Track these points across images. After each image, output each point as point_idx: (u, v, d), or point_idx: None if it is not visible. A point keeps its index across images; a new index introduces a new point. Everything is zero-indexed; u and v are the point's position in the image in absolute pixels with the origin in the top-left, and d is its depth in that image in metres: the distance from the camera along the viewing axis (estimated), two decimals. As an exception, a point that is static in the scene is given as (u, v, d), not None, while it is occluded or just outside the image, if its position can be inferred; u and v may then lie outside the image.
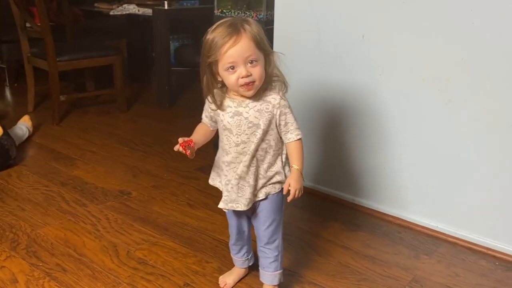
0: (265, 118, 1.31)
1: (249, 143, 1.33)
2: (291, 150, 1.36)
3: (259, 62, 1.25)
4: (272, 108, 1.31)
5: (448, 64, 1.77)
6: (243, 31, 1.22)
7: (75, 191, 2.23)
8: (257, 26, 1.26)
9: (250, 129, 1.32)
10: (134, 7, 4.03)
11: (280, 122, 1.33)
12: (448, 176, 1.86)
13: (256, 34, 1.23)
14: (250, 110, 1.31)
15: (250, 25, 1.24)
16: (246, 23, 1.24)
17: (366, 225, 2.01)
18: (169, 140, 2.91)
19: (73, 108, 3.45)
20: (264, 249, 1.47)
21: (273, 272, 1.49)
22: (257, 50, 1.24)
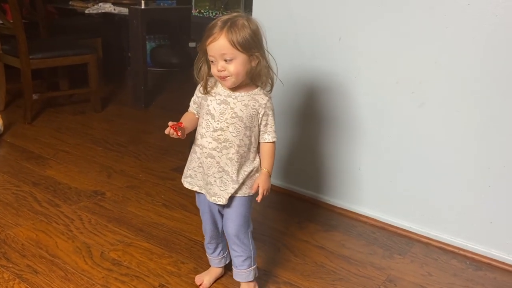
0: (249, 113, 1.36)
1: (226, 132, 1.36)
2: (264, 151, 1.41)
3: (234, 60, 1.29)
4: (258, 107, 1.36)
5: (422, 67, 1.80)
6: (224, 31, 1.27)
7: (48, 191, 2.19)
8: (245, 28, 1.29)
9: (232, 119, 1.35)
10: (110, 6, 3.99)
11: (262, 121, 1.38)
12: (421, 177, 1.90)
13: (236, 36, 1.27)
14: (238, 103, 1.35)
15: (236, 27, 1.28)
16: (234, 25, 1.28)
17: (341, 225, 2.03)
18: (144, 141, 2.89)
19: (46, 107, 3.38)
20: (235, 247, 1.47)
21: (247, 269, 1.50)
22: (234, 50, 1.28)
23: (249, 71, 1.33)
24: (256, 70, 1.34)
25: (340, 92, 2.02)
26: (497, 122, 1.69)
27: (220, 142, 1.37)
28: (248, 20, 1.32)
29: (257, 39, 1.32)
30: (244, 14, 1.34)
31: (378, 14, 1.85)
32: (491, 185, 1.75)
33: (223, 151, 1.37)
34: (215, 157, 1.38)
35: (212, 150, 1.38)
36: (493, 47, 1.65)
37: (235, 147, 1.37)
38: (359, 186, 2.07)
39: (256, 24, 1.33)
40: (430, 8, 1.74)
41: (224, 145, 1.37)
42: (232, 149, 1.37)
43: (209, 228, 1.52)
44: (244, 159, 1.39)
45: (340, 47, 1.97)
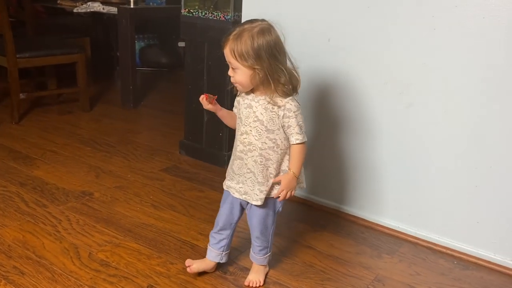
0: (268, 116, 1.40)
1: (250, 136, 1.43)
2: (291, 153, 1.45)
3: (237, 70, 1.37)
4: (277, 109, 1.40)
5: (410, 68, 1.82)
6: (230, 41, 1.34)
7: (35, 191, 2.16)
8: (248, 41, 1.32)
9: (255, 123, 1.42)
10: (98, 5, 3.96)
11: (284, 124, 1.42)
12: (408, 178, 1.91)
13: (236, 47, 1.33)
14: (259, 106, 1.41)
15: (240, 38, 1.33)
16: (240, 36, 1.33)
17: (330, 225, 2.03)
18: (133, 141, 2.87)
19: (34, 107, 3.35)
20: (256, 240, 1.58)
21: (263, 256, 1.61)
22: (235, 61, 1.35)
23: (255, 81, 1.37)
24: (261, 80, 1.36)
25: (329, 93, 2.03)
26: (484, 123, 1.71)
27: (245, 145, 1.45)
28: (261, 31, 1.34)
29: (259, 53, 1.33)
30: (266, 23, 1.38)
31: (367, 15, 1.86)
32: (478, 185, 1.77)
33: (248, 153, 1.45)
34: (243, 159, 1.47)
35: (240, 153, 1.47)
36: (480, 49, 1.66)
37: (258, 150, 1.43)
38: (348, 186, 2.08)
39: (266, 37, 1.34)
40: (418, 9, 1.75)
41: (249, 148, 1.44)
42: (255, 152, 1.43)
43: (222, 220, 1.58)
44: (271, 162, 1.44)
45: (329, 48, 1.98)
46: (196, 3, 2.46)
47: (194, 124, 2.63)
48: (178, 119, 3.12)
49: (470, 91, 1.71)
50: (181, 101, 1.90)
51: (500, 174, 1.72)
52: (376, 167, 1.99)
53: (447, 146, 1.80)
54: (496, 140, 1.70)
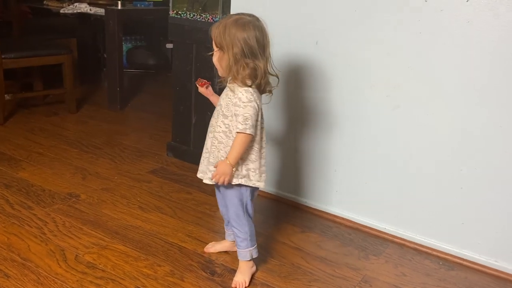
0: (225, 102, 1.50)
1: (213, 118, 1.55)
2: (233, 141, 1.48)
3: (215, 52, 1.48)
4: (232, 97, 1.47)
5: (396, 72, 1.84)
6: (214, 26, 1.47)
7: (20, 193, 2.14)
8: (223, 27, 1.44)
9: (218, 106, 1.54)
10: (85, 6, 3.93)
11: (233, 111, 1.47)
12: (395, 179, 1.93)
13: (216, 30, 1.45)
14: (225, 93, 1.52)
15: (221, 24, 1.45)
16: (222, 22, 1.46)
17: (317, 226, 2.05)
18: (120, 142, 2.85)
19: (19, 108, 3.32)
20: (232, 228, 1.62)
21: (244, 250, 1.61)
22: (213, 43, 1.48)
23: (224, 65, 1.46)
24: (229, 66, 1.45)
25: (316, 95, 2.04)
26: (469, 125, 1.74)
27: (210, 126, 1.57)
28: (238, 23, 1.44)
29: (231, 40, 1.42)
30: (249, 18, 1.47)
31: (354, 19, 1.88)
32: (463, 187, 1.79)
33: (209, 134, 1.56)
34: (206, 139, 1.58)
35: (207, 133, 1.58)
36: (465, 53, 1.69)
37: (213, 132, 1.53)
38: (335, 187, 2.09)
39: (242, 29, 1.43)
40: (404, 14, 1.77)
41: (210, 129, 1.56)
42: (212, 134, 1.54)
43: (220, 209, 1.72)
44: (222, 145, 1.51)
45: (317, 50, 2.00)
46: (185, 5, 2.46)
47: (182, 126, 2.63)
48: (165, 121, 3.11)
49: (456, 94, 1.74)
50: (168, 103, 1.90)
51: (484, 176, 1.75)
52: (363, 169, 2.00)
53: (433, 148, 1.82)
54: (481, 142, 1.73)
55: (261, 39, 1.45)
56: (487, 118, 1.70)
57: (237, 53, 1.42)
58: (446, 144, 1.79)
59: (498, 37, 1.62)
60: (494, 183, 1.73)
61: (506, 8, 1.59)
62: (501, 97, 1.66)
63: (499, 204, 1.74)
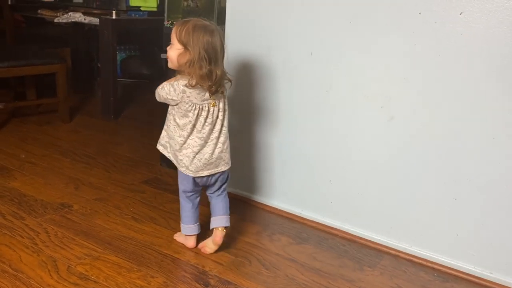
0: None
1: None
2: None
3: (172, 46, 1.64)
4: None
5: (391, 83, 1.85)
6: (177, 23, 1.64)
7: (12, 203, 2.12)
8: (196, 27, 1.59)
9: None
10: (80, 16, 3.93)
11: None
12: (389, 191, 1.93)
13: (183, 28, 1.59)
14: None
15: (190, 24, 1.60)
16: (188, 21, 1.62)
17: (312, 238, 2.04)
18: (113, 152, 2.84)
19: (12, 117, 3.29)
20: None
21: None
22: (175, 38, 1.62)
23: (181, 60, 1.61)
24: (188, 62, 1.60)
25: (311, 106, 2.05)
26: (463, 137, 1.74)
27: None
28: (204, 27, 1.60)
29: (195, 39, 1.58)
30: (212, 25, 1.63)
31: (349, 29, 1.89)
32: (457, 198, 1.80)
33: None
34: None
35: None
36: (459, 64, 1.70)
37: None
38: (330, 198, 2.09)
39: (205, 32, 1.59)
40: (399, 25, 1.78)
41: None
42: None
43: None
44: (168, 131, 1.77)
45: (311, 61, 2.00)
46: (179, 15, 2.46)
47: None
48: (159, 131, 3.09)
49: (449, 105, 1.75)
50: (162, 112, 1.88)
51: (478, 187, 1.75)
52: (358, 180, 2.00)
53: (427, 158, 1.83)
54: (475, 154, 1.74)
55: (222, 46, 1.62)
56: (481, 129, 1.71)
57: (199, 54, 1.57)
58: (440, 154, 1.80)
59: (490, 50, 1.64)
60: (488, 194, 1.74)
61: (497, 21, 1.61)
62: (494, 108, 1.67)
63: (493, 216, 1.75)
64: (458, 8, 1.67)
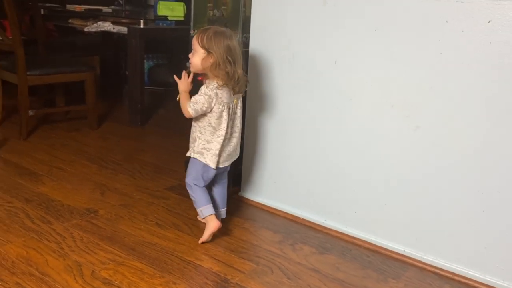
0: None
1: None
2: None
3: (195, 53, 1.80)
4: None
5: (417, 92, 1.82)
6: (198, 31, 1.80)
7: (40, 208, 2.17)
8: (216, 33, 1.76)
9: None
10: (109, 25, 4.01)
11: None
12: (415, 201, 1.90)
13: (204, 35, 1.76)
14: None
15: (210, 31, 1.77)
16: (211, 29, 1.78)
17: (335, 248, 2.01)
18: (139, 159, 2.88)
19: (42, 124, 3.38)
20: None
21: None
22: (197, 44, 1.77)
23: (205, 64, 1.77)
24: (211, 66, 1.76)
25: (335, 114, 2.03)
26: (491, 147, 1.70)
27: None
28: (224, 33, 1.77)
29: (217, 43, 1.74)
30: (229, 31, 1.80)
31: (374, 38, 1.87)
32: (485, 210, 1.75)
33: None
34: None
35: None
36: (487, 73, 1.67)
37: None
38: (354, 208, 2.07)
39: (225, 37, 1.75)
40: (425, 33, 1.76)
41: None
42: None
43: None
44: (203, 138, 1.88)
45: (336, 70, 1.99)
46: (205, 24, 2.49)
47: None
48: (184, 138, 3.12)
49: (477, 115, 1.71)
50: (187, 120, 1.91)
51: (507, 199, 1.70)
52: (382, 190, 1.97)
53: (454, 170, 1.79)
54: (504, 165, 1.69)
55: (239, 50, 1.78)
56: (510, 140, 1.66)
57: (223, 57, 1.73)
58: (467, 166, 1.76)
59: (522, 58, 1.60)
60: (518, 207, 1.69)
61: (529, 29, 1.57)
62: (525, 119, 1.63)
63: (523, 229, 1.69)
64: (486, 16, 1.64)
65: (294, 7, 2.06)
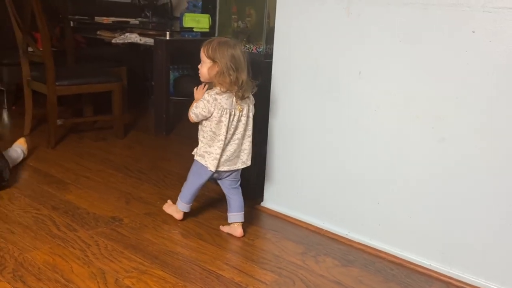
0: None
1: None
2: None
3: (202, 63, 1.95)
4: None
5: (443, 103, 1.79)
6: (204, 44, 1.94)
7: (66, 215, 2.21)
8: (220, 43, 1.90)
9: None
10: (136, 36, 4.09)
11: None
12: (441, 214, 1.86)
13: (210, 46, 1.91)
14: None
15: (215, 41, 1.92)
16: (215, 40, 1.93)
17: (359, 260, 1.99)
18: (163, 168, 2.91)
19: (70, 133, 3.46)
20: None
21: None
22: (204, 55, 1.93)
23: (212, 73, 1.92)
24: (216, 74, 1.90)
25: (359, 125, 2.02)
26: (520, 160, 1.66)
27: None
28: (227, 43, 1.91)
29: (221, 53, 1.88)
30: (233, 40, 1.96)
31: (399, 49, 1.86)
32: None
33: None
34: None
35: None
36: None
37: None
38: (378, 221, 2.04)
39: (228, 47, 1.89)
40: (451, 44, 1.74)
41: None
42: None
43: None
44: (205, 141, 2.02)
45: (360, 80, 1.98)
46: (230, 36, 2.51)
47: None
48: (208, 148, 3.14)
49: (505, 127, 1.67)
50: (211, 130, 1.92)
51: (537, 213, 1.66)
52: (406, 202, 1.94)
53: (481, 181, 1.75)
54: (533, 178, 1.65)
55: (243, 57, 1.90)
56: (541, 153, 1.62)
57: (227, 65, 1.86)
58: (493, 178, 1.72)
59: (552, 69, 1.56)
60: (548, 222, 1.64)
61: (560, 39, 1.54)
62: (555, 130, 1.59)
63: (554, 244, 1.64)
64: (514, 26, 1.61)
65: (318, 18, 2.06)
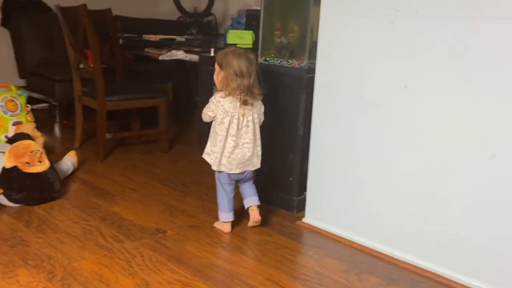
0: None
1: None
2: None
3: (216, 72, 2.18)
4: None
5: (493, 118, 1.73)
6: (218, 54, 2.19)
7: (113, 226, 2.27)
8: (227, 53, 2.13)
9: None
10: (182, 53, 4.19)
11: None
12: (491, 233, 1.79)
13: (220, 55, 2.16)
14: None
15: (225, 51, 2.16)
16: (226, 50, 2.17)
17: (404, 280, 1.93)
18: (207, 182, 2.94)
19: (117, 146, 3.56)
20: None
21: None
22: (216, 64, 2.18)
23: (218, 79, 2.16)
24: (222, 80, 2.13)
25: (406, 141, 1.98)
26: None
27: None
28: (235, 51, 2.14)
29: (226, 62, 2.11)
30: (241, 50, 2.17)
31: (447, 62, 1.82)
32: None
33: None
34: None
35: None
36: None
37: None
38: (424, 239, 1.98)
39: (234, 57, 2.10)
40: (503, 56, 1.68)
41: None
42: None
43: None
44: (211, 141, 2.25)
45: (406, 95, 1.95)
46: (272, 52, 2.54)
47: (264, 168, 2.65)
48: (251, 162, 3.16)
49: (561, 143, 1.60)
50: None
51: None
52: (455, 221, 1.88)
53: (535, 201, 1.67)
54: None
55: (248, 66, 2.09)
56: None
57: (230, 72, 2.09)
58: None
59: None
60: None
61: None
62: None
63: None
64: None
65: (363, 31, 2.05)
